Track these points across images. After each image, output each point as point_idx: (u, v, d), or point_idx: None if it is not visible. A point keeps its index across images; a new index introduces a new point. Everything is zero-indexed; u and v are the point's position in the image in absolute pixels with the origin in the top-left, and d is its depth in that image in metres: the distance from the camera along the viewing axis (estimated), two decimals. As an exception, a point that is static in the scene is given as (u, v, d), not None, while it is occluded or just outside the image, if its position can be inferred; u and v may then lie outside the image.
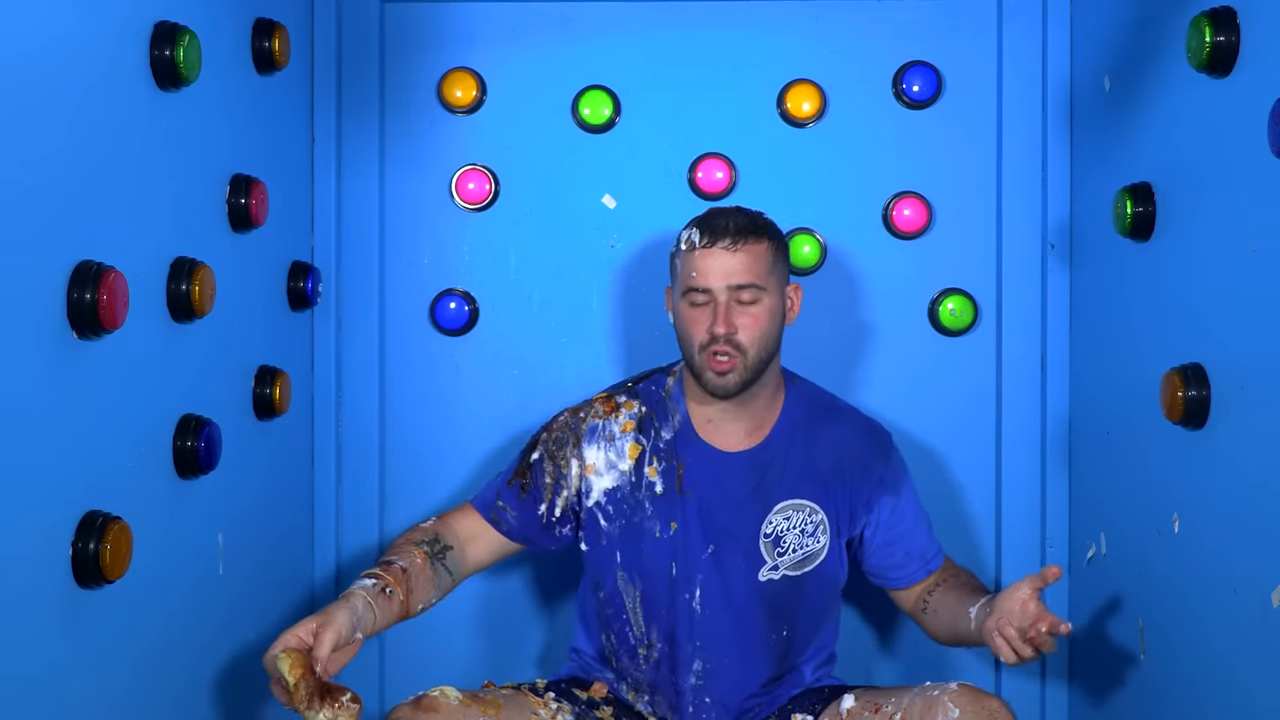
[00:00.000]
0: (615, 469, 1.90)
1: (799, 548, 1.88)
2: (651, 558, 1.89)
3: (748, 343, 1.81)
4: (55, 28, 1.30)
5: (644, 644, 1.91)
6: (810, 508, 1.89)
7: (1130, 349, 1.89)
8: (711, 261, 1.81)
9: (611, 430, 1.92)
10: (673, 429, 1.91)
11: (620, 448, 1.91)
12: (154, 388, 1.55)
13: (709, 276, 1.81)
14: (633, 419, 1.92)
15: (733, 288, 1.81)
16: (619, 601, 1.91)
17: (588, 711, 1.90)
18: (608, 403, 1.94)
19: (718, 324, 1.80)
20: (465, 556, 1.89)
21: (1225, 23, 1.51)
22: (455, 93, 2.22)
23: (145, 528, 1.47)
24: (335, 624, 1.60)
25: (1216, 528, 1.60)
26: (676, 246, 1.89)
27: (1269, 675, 1.47)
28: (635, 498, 1.90)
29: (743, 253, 1.82)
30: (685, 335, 1.85)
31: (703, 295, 1.82)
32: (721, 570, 1.88)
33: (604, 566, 1.92)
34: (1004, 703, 1.71)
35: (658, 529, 1.89)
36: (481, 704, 1.76)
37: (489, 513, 1.92)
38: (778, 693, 1.93)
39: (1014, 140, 2.18)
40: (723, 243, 1.82)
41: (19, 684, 1.25)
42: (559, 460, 1.91)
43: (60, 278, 1.31)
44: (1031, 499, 2.20)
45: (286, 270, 2.06)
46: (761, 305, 1.82)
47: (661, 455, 1.90)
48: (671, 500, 1.89)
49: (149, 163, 1.53)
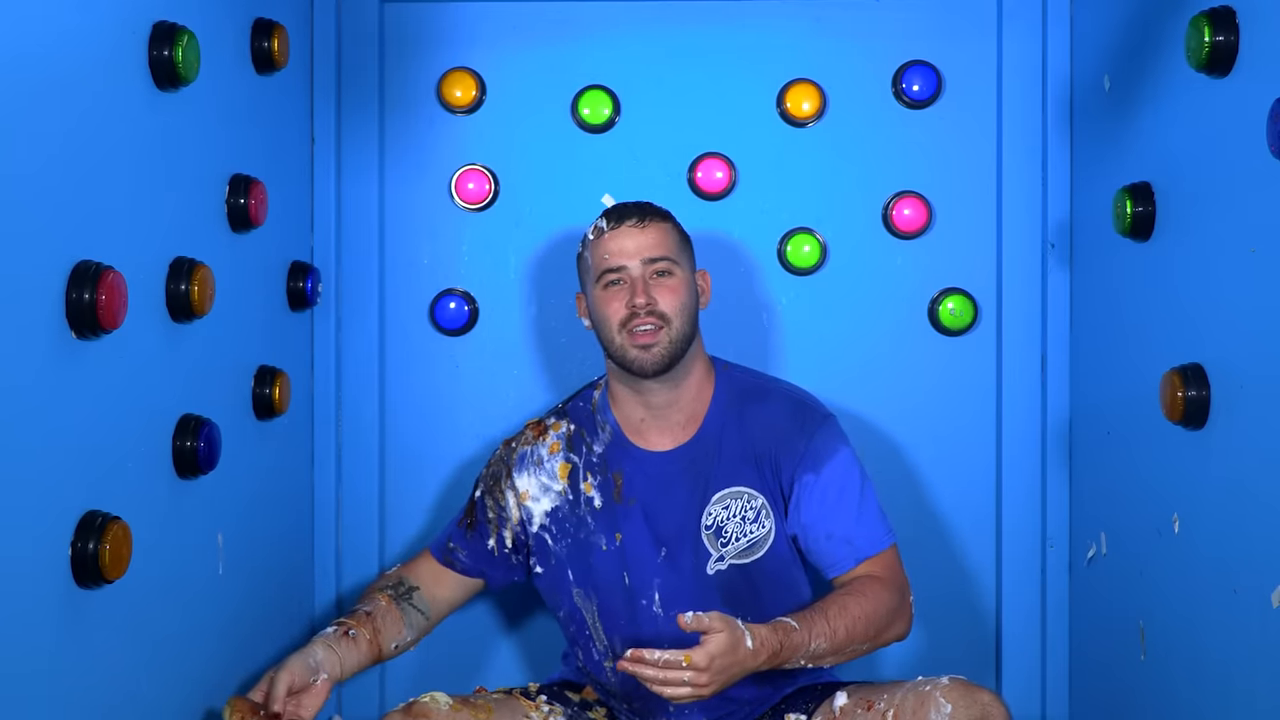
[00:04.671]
0: (550, 491, 1.94)
1: (741, 535, 1.87)
2: (602, 571, 1.90)
3: (670, 312, 1.84)
4: (54, 27, 1.30)
5: (608, 656, 1.92)
6: (748, 494, 1.88)
7: (1130, 349, 1.89)
8: (623, 240, 1.86)
9: (539, 454, 1.95)
10: (604, 441, 1.93)
11: (551, 469, 1.94)
12: (153, 388, 1.54)
13: (622, 255, 1.86)
14: (560, 439, 1.96)
15: (646, 260, 1.85)
16: (580, 618, 1.93)
17: (580, 713, 1.90)
18: (536, 427, 1.99)
19: (637, 295, 1.83)
20: (435, 596, 1.96)
21: (1224, 22, 1.51)
22: (455, 92, 2.22)
23: (145, 528, 1.46)
24: (287, 667, 1.71)
25: (1217, 528, 1.60)
26: (583, 245, 1.93)
27: (1269, 675, 1.47)
28: (576, 514, 1.92)
29: (651, 229, 1.87)
30: (603, 320, 1.87)
31: (617, 274, 1.86)
32: (677, 571, 1.88)
33: (559, 586, 1.93)
34: (996, 695, 1.70)
35: (603, 542, 1.90)
36: (472, 709, 1.77)
37: (443, 555, 1.98)
38: (765, 689, 1.91)
39: (1014, 140, 2.18)
40: (630, 221, 1.87)
41: (18, 684, 1.25)
42: (496, 494, 1.96)
43: (59, 278, 1.31)
44: (1032, 499, 2.20)
45: (286, 270, 2.06)
46: (677, 278, 1.86)
47: (595, 469, 1.92)
48: (612, 512, 1.90)
49: (148, 163, 1.53)
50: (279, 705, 1.67)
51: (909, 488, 2.22)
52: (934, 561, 2.20)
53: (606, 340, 1.88)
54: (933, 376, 2.23)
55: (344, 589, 2.24)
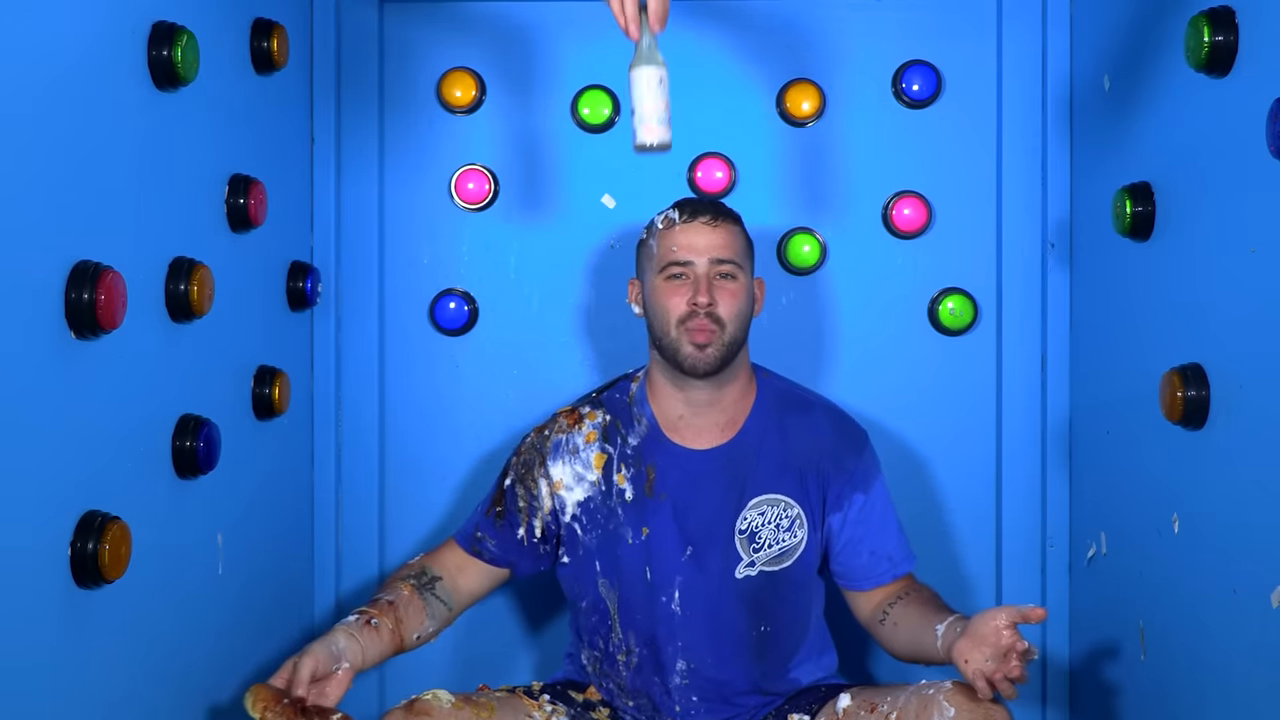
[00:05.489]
0: (584, 480, 1.92)
1: (775, 543, 1.88)
2: (627, 564, 1.89)
3: (727, 318, 1.83)
4: (53, 28, 1.30)
5: (623, 650, 1.92)
6: (785, 502, 1.89)
7: (1130, 349, 1.89)
8: (694, 236, 1.85)
9: (575, 443, 1.93)
10: (639, 435, 1.92)
11: (586, 459, 1.92)
12: (153, 388, 1.54)
13: (690, 250, 1.84)
14: (596, 429, 1.94)
15: (714, 261, 1.84)
16: (604, 609, 1.92)
17: (583, 713, 1.90)
18: (571, 415, 1.96)
19: (699, 294, 1.82)
20: (458, 586, 1.93)
21: (1224, 22, 1.51)
22: (455, 92, 2.22)
23: (144, 528, 1.47)
24: (311, 653, 1.67)
25: (1217, 528, 1.60)
26: (649, 230, 1.91)
27: (1269, 675, 1.46)
28: (608, 505, 1.91)
29: (722, 229, 1.86)
30: (661, 312, 1.86)
31: (682, 268, 1.84)
32: (701, 571, 1.88)
33: (585, 577, 1.92)
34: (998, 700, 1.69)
35: (630, 535, 1.89)
36: (475, 707, 1.76)
37: (470, 545, 1.95)
38: (771, 694, 1.92)
39: (1014, 140, 2.18)
40: (703, 218, 1.86)
41: (18, 684, 1.25)
42: (528, 483, 1.93)
43: (58, 278, 1.31)
44: (1032, 499, 2.20)
45: (286, 270, 2.06)
46: (739, 283, 1.86)
47: (629, 462, 1.91)
48: (642, 506, 1.89)
49: (147, 163, 1.53)
50: (302, 690, 1.62)
51: (909, 487, 2.21)
52: (934, 561, 2.20)
53: (660, 333, 1.87)
54: (933, 376, 2.23)
55: (343, 589, 2.24)
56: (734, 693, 1.90)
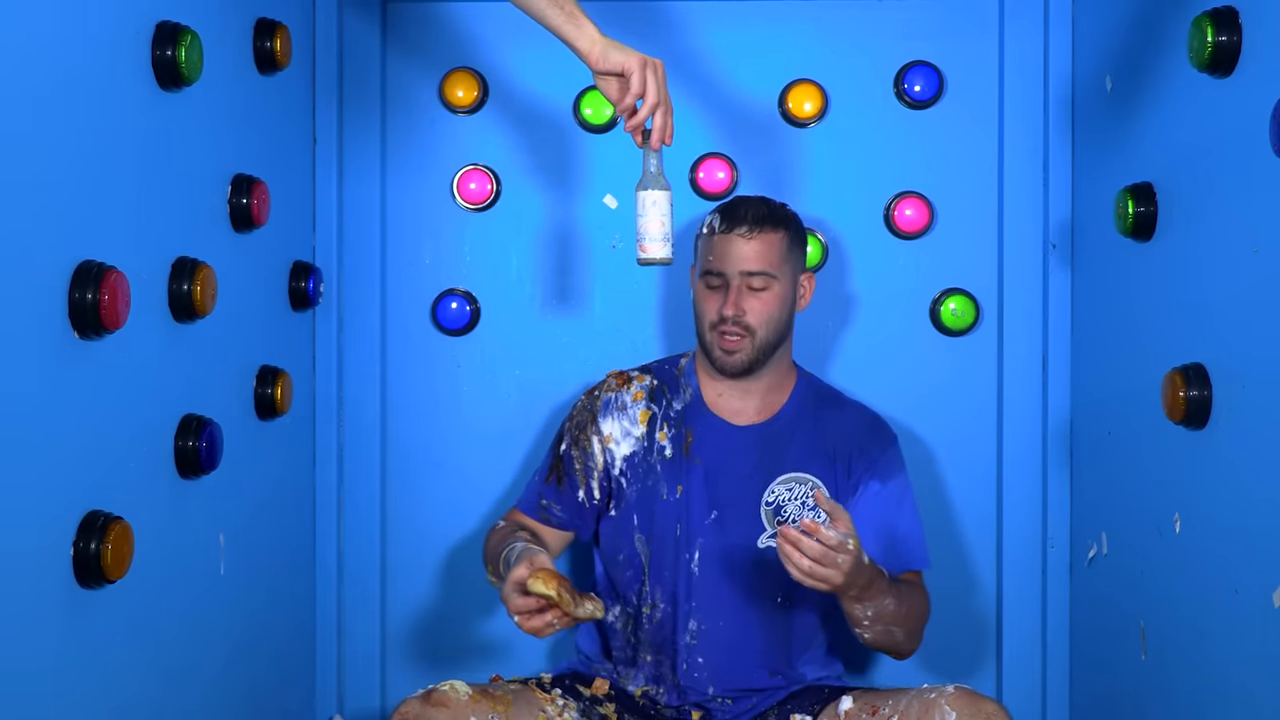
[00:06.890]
0: (630, 436, 1.99)
1: (799, 519, 1.91)
2: (660, 519, 1.95)
3: (756, 324, 1.92)
4: (57, 28, 1.31)
5: (649, 603, 1.96)
6: (813, 482, 1.95)
7: (1131, 349, 1.89)
8: (728, 247, 1.92)
9: (624, 400, 2.01)
10: (684, 401, 2.00)
11: (633, 415, 2.00)
12: (155, 388, 1.55)
13: (724, 261, 1.92)
14: (644, 389, 2.02)
15: (744, 273, 1.91)
16: (638, 563, 1.97)
17: (591, 708, 1.91)
18: (620, 377, 2.05)
19: (727, 306, 1.91)
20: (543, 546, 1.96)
21: (1227, 22, 1.51)
22: (457, 93, 2.22)
23: (147, 528, 1.47)
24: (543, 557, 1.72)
25: (1218, 528, 1.60)
26: (700, 229, 1.98)
27: (1269, 675, 1.47)
28: (648, 461, 1.98)
29: (757, 240, 1.91)
30: (700, 313, 1.97)
31: (717, 279, 1.93)
32: (723, 535, 1.93)
33: (624, 530, 1.98)
34: (1000, 705, 1.72)
35: (665, 491, 1.96)
36: (490, 699, 1.78)
37: (537, 514, 2.00)
38: (776, 675, 1.94)
39: (1015, 140, 2.18)
40: (739, 230, 1.91)
41: (20, 684, 1.25)
42: (583, 443, 2.00)
43: (62, 278, 1.31)
44: (1032, 499, 2.20)
45: (288, 270, 2.06)
46: (771, 292, 1.92)
47: (671, 423, 1.99)
48: (679, 464, 1.96)
49: (151, 163, 1.53)
50: None
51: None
52: (935, 561, 2.19)
53: (699, 330, 1.97)
54: (934, 376, 2.23)
55: (345, 589, 2.24)
56: (740, 663, 1.93)
